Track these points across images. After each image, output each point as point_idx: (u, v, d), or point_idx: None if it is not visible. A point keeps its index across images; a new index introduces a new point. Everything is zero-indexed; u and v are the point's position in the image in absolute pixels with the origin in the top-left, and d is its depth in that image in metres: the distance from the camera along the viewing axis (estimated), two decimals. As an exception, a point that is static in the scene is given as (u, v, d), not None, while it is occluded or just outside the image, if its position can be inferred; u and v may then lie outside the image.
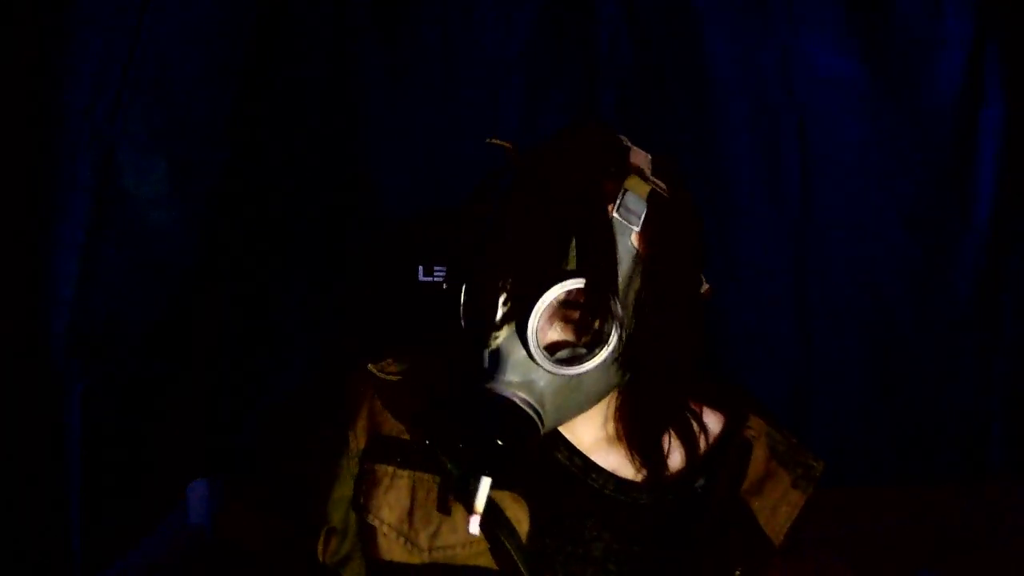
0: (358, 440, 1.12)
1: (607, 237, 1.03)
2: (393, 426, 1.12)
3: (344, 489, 1.12)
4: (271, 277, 1.68)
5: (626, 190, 1.05)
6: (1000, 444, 1.79)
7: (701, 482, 1.13)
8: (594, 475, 1.11)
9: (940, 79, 1.75)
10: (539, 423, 1.01)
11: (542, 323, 1.02)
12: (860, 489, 1.70)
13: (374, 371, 1.14)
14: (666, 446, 1.12)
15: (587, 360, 1.01)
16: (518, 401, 1.00)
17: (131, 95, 1.50)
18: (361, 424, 1.13)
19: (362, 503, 1.10)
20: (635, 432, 1.12)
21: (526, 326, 1.00)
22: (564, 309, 1.04)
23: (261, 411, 1.65)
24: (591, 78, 1.72)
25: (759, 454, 1.14)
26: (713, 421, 1.17)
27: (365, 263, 1.66)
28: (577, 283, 1.00)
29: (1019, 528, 1.63)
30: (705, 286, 1.11)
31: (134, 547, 1.50)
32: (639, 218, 1.04)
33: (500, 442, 0.98)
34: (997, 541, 1.63)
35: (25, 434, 1.48)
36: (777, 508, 1.12)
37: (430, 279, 1.61)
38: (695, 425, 1.14)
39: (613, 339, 1.01)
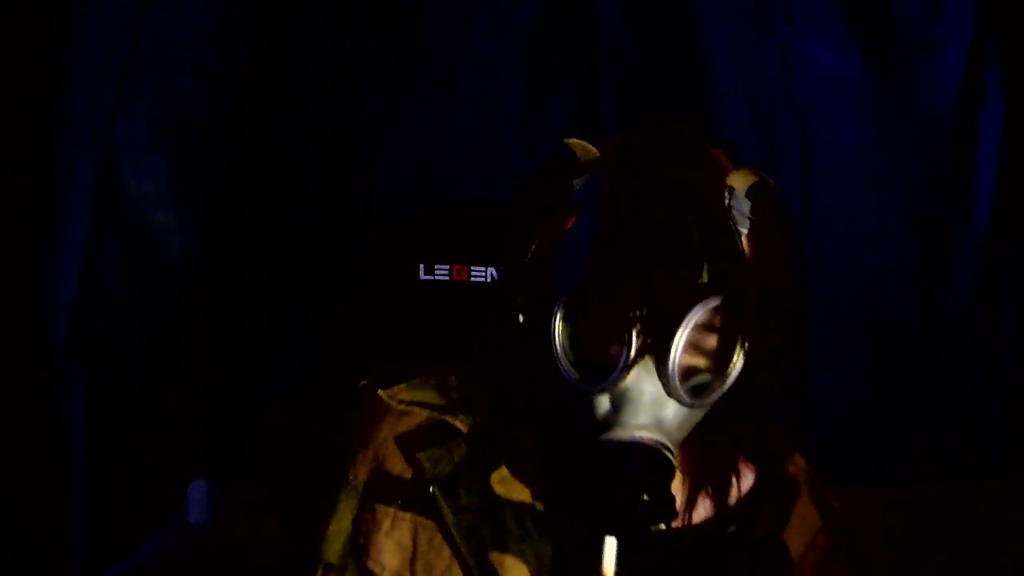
0: (358, 474, 1.01)
1: (736, 248, 0.92)
2: (397, 463, 1.00)
3: (342, 523, 1.01)
4: (271, 277, 1.68)
5: (732, 188, 0.94)
6: (1000, 444, 1.79)
7: (733, 528, 1.02)
8: None
9: (940, 79, 1.75)
10: (675, 464, 0.90)
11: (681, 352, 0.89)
12: (860, 489, 1.70)
13: (384, 398, 1.02)
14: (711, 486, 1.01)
15: (718, 387, 0.92)
16: (658, 446, 0.89)
17: (131, 95, 1.50)
18: (362, 456, 1.01)
19: (362, 544, 1.00)
20: (705, 464, 1.00)
21: (667, 358, 0.88)
22: (695, 331, 0.91)
23: (261, 410, 1.65)
24: (591, 78, 1.72)
25: (803, 496, 1.05)
26: (746, 469, 1.06)
27: (365, 262, 1.66)
28: (715, 301, 0.89)
29: (1019, 528, 1.63)
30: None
31: (134, 547, 1.50)
32: (746, 219, 0.94)
33: (647, 497, 0.87)
34: (997, 541, 1.62)
35: (25, 434, 1.48)
36: (808, 552, 1.04)
37: (431, 278, 1.61)
38: (734, 470, 1.03)
39: (741, 360, 0.91)
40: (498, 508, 0.98)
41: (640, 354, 0.89)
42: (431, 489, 0.97)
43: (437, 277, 1.61)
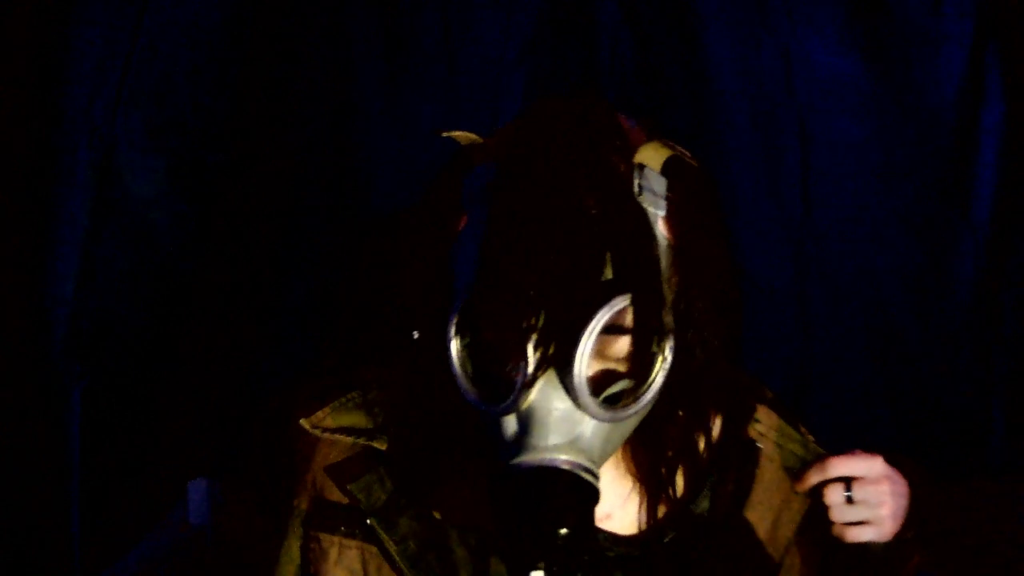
0: (301, 503, 0.95)
1: (645, 235, 0.81)
2: (334, 491, 0.93)
3: (292, 553, 0.95)
4: (271, 277, 1.68)
5: (643, 166, 0.84)
6: (1000, 444, 1.79)
7: (705, 504, 0.95)
8: None
9: (940, 79, 1.74)
10: (598, 487, 0.80)
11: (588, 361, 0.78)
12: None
13: (306, 427, 0.93)
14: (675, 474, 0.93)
15: (643, 393, 0.81)
16: (574, 470, 0.78)
17: (131, 95, 1.50)
18: (302, 485, 0.95)
19: (313, 574, 0.94)
20: (649, 464, 0.92)
21: (571, 370, 0.77)
22: (600, 337, 0.79)
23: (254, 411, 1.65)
24: (591, 78, 1.72)
25: (768, 458, 0.97)
26: (716, 425, 0.97)
27: (357, 260, 1.66)
28: (623, 301, 0.78)
29: (1019, 528, 1.63)
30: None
31: (134, 547, 1.50)
32: (663, 199, 0.83)
33: (565, 530, 0.77)
34: (997, 541, 1.62)
35: (25, 434, 1.48)
36: (779, 520, 0.96)
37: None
38: (701, 439, 0.93)
39: (668, 358, 0.81)
40: (440, 531, 0.91)
41: (541, 368, 0.78)
42: (368, 521, 0.90)
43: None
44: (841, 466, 0.95)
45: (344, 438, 0.94)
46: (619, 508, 0.94)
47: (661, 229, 0.83)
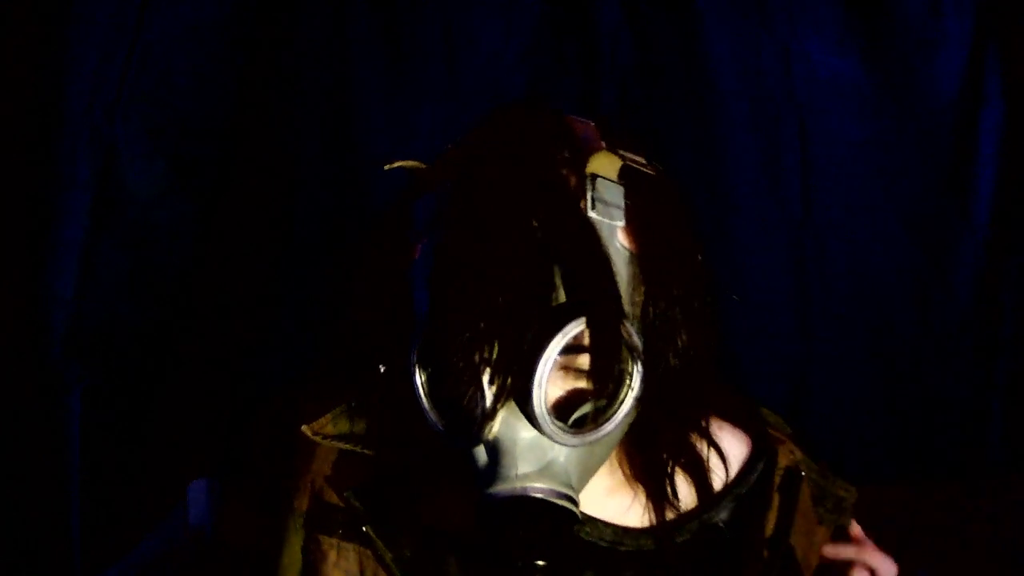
0: (301, 504, 0.94)
1: (596, 250, 0.78)
2: (332, 494, 0.93)
3: (293, 554, 0.94)
4: (271, 277, 1.68)
5: (595, 176, 0.80)
6: (1000, 444, 1.79)
7: (723, 516, 0.93)
8: (588, 528, 0.90)
9: (940, 79, 1.75)
10: (577, 511, 0.78)
11: (548, 387, 0.76)
12: (860, 489, 1.70)
13: (308, 434, 0.92)
14: (675, 478, 0.91)
15: (613, 412, 0.78)
16: (549, 498, 0.76)
17: (131, 95, 1.50)
18: (303, 486, 0.94)
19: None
20: (645, 467, 0.90)
21: (530, 399, 0.74)
22: (564, 356, 0.77)
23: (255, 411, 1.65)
24: (591, 78, 1.72)
25: (805, 487, 0.95)
26: (733, 442, 0.96)
27: (354, 258, 1.65)
28: (578, 324, 0.75)
29: (1019, 528, 1.63)
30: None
31: (134, 547, 1.49)
32: (620, 208, 0.80)
33: (542, 563, 0.76)
34: (997, 541, 1.63)
35: (25, 434, 1.48)
36: (810, 546, 0.95)
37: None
38: (705, 446, 0.92)
39: (637, 375, 0.78)
40: (435, 539, 0.91)
41: (499, 400, 0.75)
42: (364, 528, 0.89)
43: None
44: (875, 559, 0.96)
45: (343, 445, 0.93)
46: (625, 511, 0.93)
47: (621, 240, 0.80)
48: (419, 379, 0.79)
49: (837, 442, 1.75)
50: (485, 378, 0.76)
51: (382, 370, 0.84)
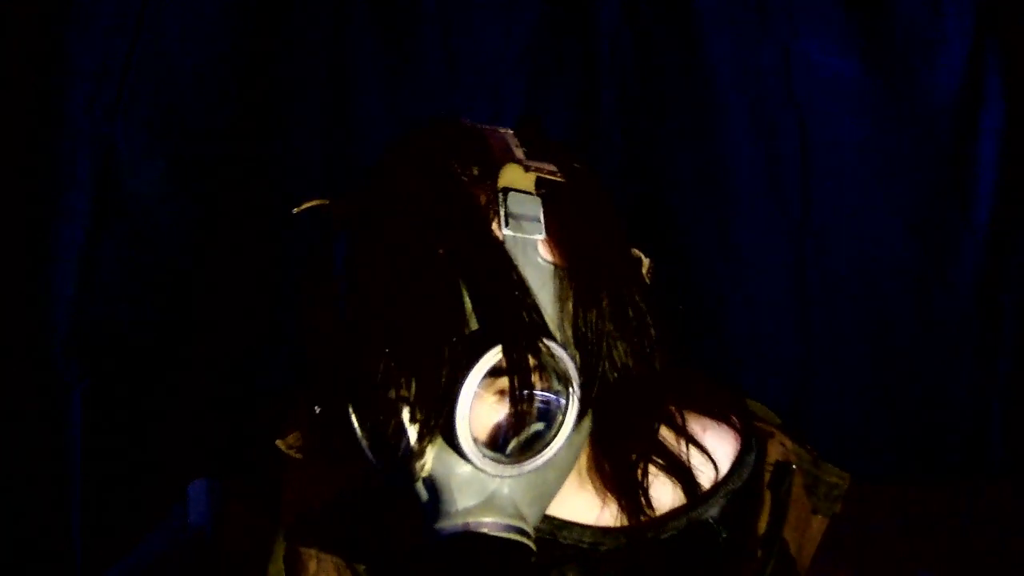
0: (286, 514, 0.94)
1: (505, 270, 0.75)
2: (312, 507, 0.93)
3: (278, 565, 0.94)
4: (271, 277, 1.68)
5: (507, 190, 0.78)
6: (1000, 444, 1.79)
7: (714, 512, 0.91)
8: (565, 532, 0.89)
9: (940, 79, 1.75)
10: (530, 542, 0.76)
11: (473, 420, 0.73)
12: (860, 488, 1.70)
13: (282, 448, 0.91)
14: (651, 475, 0.89)
15: (552, 436, 0.75)
16: (493, 531, 0.74)
17: (131, 95, 1.50)
18: (286, 495, 0.94)
19: None
20: (614, 475, 0.88)
21: (454, 434, 0.72)
22: (491, 378, 0.75)
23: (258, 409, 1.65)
24: (591, 78, 1.72)
25: (797, 479, 0.94)
26: (719, 438, 0.95)
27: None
28: (495, 352, 0.72)
29: (1019, 528, 1.63)
30: (644, 261, 0.86)
31: (134, 547, 1.50)
32: (538, 221, 0.78)
33: None
34: (997, 541, 1.62)
35: (25, 434, 1.48)
36: (804, 538, 0.94)
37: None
38: (685, 445, 0.91)
39: (575, 391, 0.75)
40: (408, 554, 0.87)
41: (423, 438, 0.73)
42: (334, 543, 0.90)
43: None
44: None
45: (313, 459, 0.91)
46: (604, 515, 0.91)
47: (543, 254, 0.78)
48: (354, 419, 0.77)
49: (837, 442, 1.75)
50: (405, 416, 0.73)
51: (317, 411, 0.81)
